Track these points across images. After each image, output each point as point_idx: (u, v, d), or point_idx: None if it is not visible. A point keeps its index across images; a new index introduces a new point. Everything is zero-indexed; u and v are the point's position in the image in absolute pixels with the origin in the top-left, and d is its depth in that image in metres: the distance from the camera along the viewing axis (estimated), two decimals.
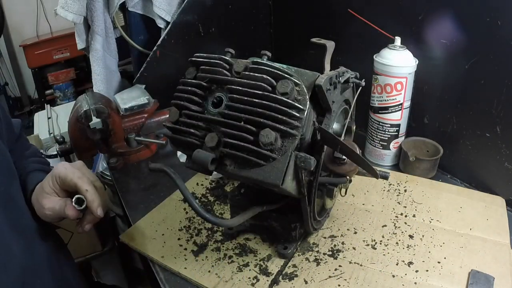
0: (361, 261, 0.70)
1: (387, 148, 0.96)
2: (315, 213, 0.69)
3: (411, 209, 0.81)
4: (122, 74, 1.34)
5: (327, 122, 0.61)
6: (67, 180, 0.64)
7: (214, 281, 0.67)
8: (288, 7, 1.29)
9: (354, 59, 0.94)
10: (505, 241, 0.72)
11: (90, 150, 1.03)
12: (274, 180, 0.55)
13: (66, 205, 0.64)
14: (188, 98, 0.60)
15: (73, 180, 0.64)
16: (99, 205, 0.64)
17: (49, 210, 0.65)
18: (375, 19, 0.95)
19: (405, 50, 0.87)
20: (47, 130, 1.87)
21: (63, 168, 0.66)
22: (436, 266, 0.68)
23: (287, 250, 0.71)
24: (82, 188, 0.64)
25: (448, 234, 0.75)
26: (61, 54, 3.12)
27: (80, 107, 0.96)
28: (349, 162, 0.65)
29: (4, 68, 3.30)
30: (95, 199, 0.64)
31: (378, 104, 0.92)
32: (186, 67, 0.63)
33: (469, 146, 0.88)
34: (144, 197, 0.92)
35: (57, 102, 3.14)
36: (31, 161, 0.78)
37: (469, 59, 0.82)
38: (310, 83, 0.57)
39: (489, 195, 0.84)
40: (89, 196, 0.64)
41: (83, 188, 0.64)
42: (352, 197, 0.86)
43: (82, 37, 1.21)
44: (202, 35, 1.25)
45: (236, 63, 0.59)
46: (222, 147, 0.57)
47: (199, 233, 0.78)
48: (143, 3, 1.20)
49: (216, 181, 0.94)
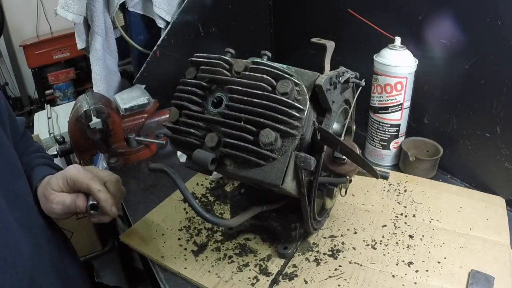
0: (361, 261, 0.70)
1: (387, 148, 0.96)
2: (315, 213, 0.69)
3: (411, 209, 0.81)
4: (122, 74, 1.34)
5: (327, 122, 0.61)
6: (79, 181, 0.65)
7: (214, 281, 0.67)
8: (288, 7, 1.29)
9: (354, 59, 0.95)
10: (505, 241, 0.72)
11: (90, 150, 1.03)
12: (274, 180, 0.55)
13: (78, 197, 0.65)
14: (188, 98, 0.60)
15: (85, 181, 0.64)
16: (112, 204, 0.65)
17: (58, 204, 0.66)
18: (375, 19, 0.95)
19: (405, 50, 0.87)
20: (47, 130, 1.87)
21: (75, 170, 0.66)
22: (436, 266, 0.68)
23: (287, 250, 0.71)
24: (94, 188, 0.64)
25: (448, 234, 0.75)
26: (61, 54, 3.12)
27: (80, 107, 0.96)
28: (349, 162, 0.65)
29: (4, 68, 3.30)
30: (107, 198, 0.64)
31: (378, 104, 0.92)
32: (186, 67, 0.63)
33: (469, 146, 0.88)
34: (144, 197, 0.92)
35: (57, 102, 3.14)
36: (34, 156, 0.78)
37: (469, 59, 0.82)
38: (310, 83, 0.57)
39: (489, 195, 0.84)
40: (102, 196, 0.64)
41: (95, 189, 0.64)
42: (352, 197, 0.86)
43: (82, 37, 1.21)
44: (202, 35, 1.25)
45: (236, 63, 0.59)
46: (222, 147, 0.57)
47: (199, 233, 0.78)
48: (143, 3, 1.20)
49: (216, 181, 0.94)
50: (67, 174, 0.66)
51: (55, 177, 0.68)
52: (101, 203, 0.64)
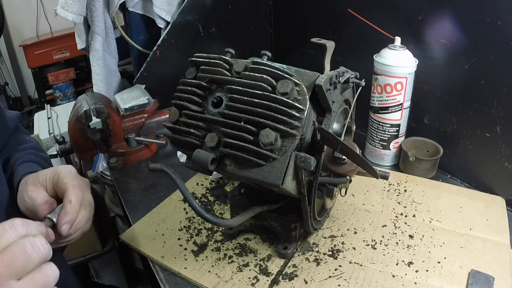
0: (361, 261, 0.70)
1: (387, 148, 0.96)
2: (315, 213, 0.69)
3: (411, 209, 0.81)
4: (122, 74, 1.34)
5: (327, 122, 0.61)
6: (63, 181, 0.59)
7: (214, 281, 0.67)
8: (288, 7, 1.29)
9: (354, 59, 0.95)
10: (505, 241, 0.72)
11: (90, 150, 1.03)
12: (274, 180, 0.55)
13: (47, 202, 0.57)
14: (188, 98, 0.60)
15: (67, 185, 0.58)
16: (69, 222, 0.55)
17: (30, 199, 0.58)
18: (375, 19, 0.95)
19: (405, 50, 0.87)
20: (47, 130, 1.88)
21: (67, 171, 0.61)
22: (436, 266, 0.68)
23: (287, 250, 0.71)
24: (68, 197, 0.57)
25: (448, 234, 0.75)
26: (61, 54, 3.12)
27: (80, 107, 0.96)
28: (349, 162, 0.65)
29: (4, 68, 3.30)
30: (71, 214, 0.56)
31: (378, 104, 0.92)
32: (186, 67, 0.63)
33: (469, 146, 0.88)
34: (144, 197, 0.92)
35: (57, 102, 3.14)
36: (26, 152, 0.72)
37: (469, 59, 0.82)
38: (310, 83, 0.57)
39: (489, 195, 0.84)
40: (68, 208, 0.56)
41: (68, 198, 0.57)
42: (352, 197, 0.86)
43: (82, 37, 1.21)
44: (202, 35, 1.25)
45: (236, 63, 0.59)
46: (222, 147, 0.57)
47: (199, 233, 0.78)
48: (143, 3, 1.20)
49: (216, 181, 0.94)
50: (58, 169, 0.61)
51: (46, 170, 0.63)
52: (60, 214, 0.55)
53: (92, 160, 1.78)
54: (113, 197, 1.62)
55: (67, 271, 0.77)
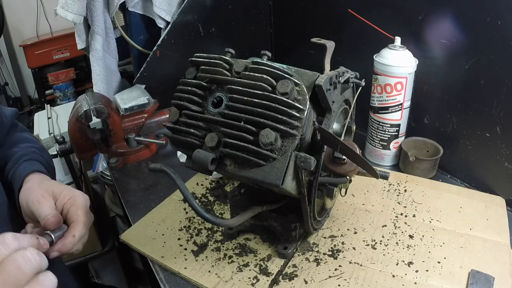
0: (361, 261, 0.70)
1: (387, 148, 0.96)
2: (315, 213, 0.69)
3: (411, 209, 0.81)
4: (122, 74, 1.34)
5: (327, 122, 0.61)
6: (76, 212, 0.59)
7: (214, 281, 0.67)
8: (288, 7, 1.29)
9: (354, 59, 0.95)
10: (505, 241, 0.72)
11: (90, 150, 1.03)
12: (274, 180, 0.55)
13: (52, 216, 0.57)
14: (188, 98, 0.60)
15: (79, 218, 0.59)
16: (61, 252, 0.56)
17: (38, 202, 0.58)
18: (375, 19, 0.95)
19: (405, 50, 0.87)
20: (47, 130, 1.87)
21: (85, 203, 0.61)
22: (436, 266, 0.68)
23: (287, 250, 0.71)
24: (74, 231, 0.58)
25: (448, 234, 0.75)
26: (61, 54, 3.12)
27: (80, 107, 0.96)
28: (349, 162, 0.65)
29: (4, 68, 3.30)
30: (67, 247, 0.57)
31: (378, 104, 0.92)
32: (186, 67, 0.63)
33: (469, 146, 0.88)
34: (144, 197, 0.92)
35: (57, 102, 3.14)
36: (23, 147, 0.72)
37: (469, 59, 0.82)
38: (310, 83, 0.57)
39: (489, 195, 0.84)
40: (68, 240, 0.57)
41: (73, 232, 0.58)
42: (352, 197, 0.86)
43: (82, 37, 1.21)
44: (202, 35, 1.25)
45: (236, 63, 0.59)
46: (222, 147, 0.57)
47: (199, 233, 0.78)
48: (143, 3, 1.20)
49: (216, 181, 0.94)
50: (77, 196, 0.62)
51: (63, 186, 0.63)
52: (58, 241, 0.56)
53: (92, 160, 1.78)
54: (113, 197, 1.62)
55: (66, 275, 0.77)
